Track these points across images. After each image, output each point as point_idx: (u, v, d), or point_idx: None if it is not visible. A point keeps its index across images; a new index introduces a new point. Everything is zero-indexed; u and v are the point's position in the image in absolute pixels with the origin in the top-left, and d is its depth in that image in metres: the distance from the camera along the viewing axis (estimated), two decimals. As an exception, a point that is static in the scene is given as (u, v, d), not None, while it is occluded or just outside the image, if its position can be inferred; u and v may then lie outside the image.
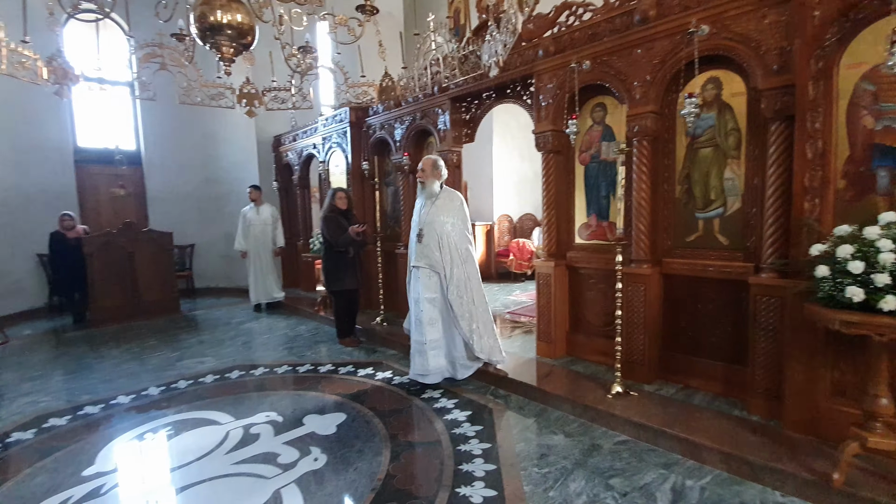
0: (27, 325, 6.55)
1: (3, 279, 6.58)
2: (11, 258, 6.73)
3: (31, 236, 6.87)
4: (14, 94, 6.46)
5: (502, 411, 3.32)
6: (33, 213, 6.96)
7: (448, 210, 3.70)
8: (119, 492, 2.51)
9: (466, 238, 3.75)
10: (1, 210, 6.67)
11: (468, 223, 3.81)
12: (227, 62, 2.92)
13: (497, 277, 8.73)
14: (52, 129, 7.31)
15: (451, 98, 4.79)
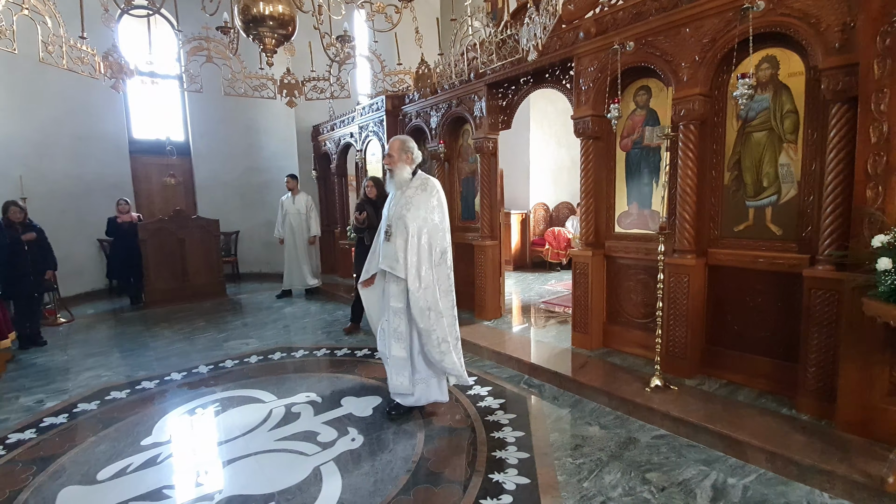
0: (89, 305, 7.05)
1: (67, 262, 7.09)
2: (74, 243, 7.23)
3: (91, 222, 7.34)
4: (74, 88, 6.87)
5: (536, 400, 3.31)
6: (92, 200, 7.43)
7: (419, 203, 2.95)
8: (173, 462, 2.69)
9: (442, 237, 3.03)
10: (63, 197, 7.16)
11: (445, 219, 3.08)
12: (269, 53, 2.99)
13: (531, 266, 8.64)
14: (108, 122, 7.75)
15: (488, 84, 4.72)
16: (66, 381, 3.98)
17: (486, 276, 5.02)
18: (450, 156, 5.52)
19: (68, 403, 3.51)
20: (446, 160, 5.56)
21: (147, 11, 3.41)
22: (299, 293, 7.41)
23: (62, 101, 7.08)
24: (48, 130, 7.02)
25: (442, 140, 5.37)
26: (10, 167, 6.37)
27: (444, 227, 3.07)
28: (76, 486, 2.45)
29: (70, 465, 2.66)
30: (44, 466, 2.64)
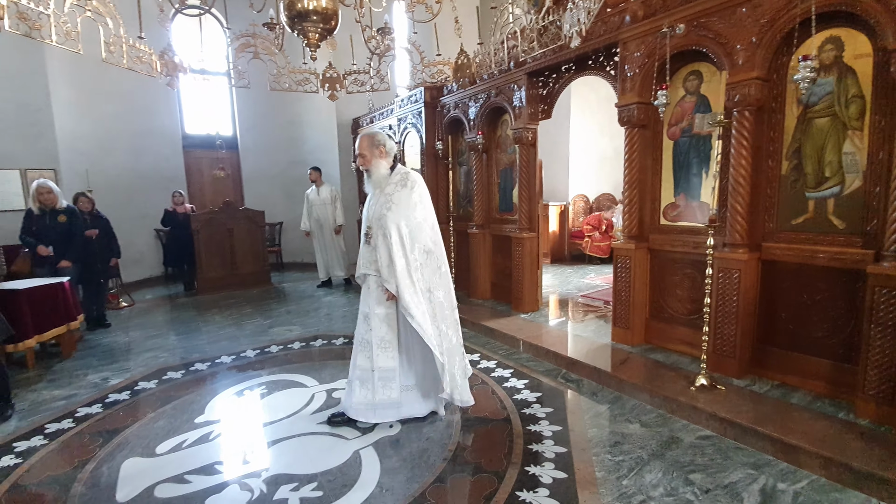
0: (148, 291, 7.53)
1: (127, 250, 7.58)
2: (134, 232, 7.72)
3: (149, 213, 7.81)
4: (132, 86, 7.29)
5: (574, 395, 3.27)
6: (150, 193, 7.90)
7: (400, 200, 2.72)
8: (223, 439, 2.85)
9: (426, 235, 2.78)
10: (124, 190, 7.65)
11: (430, 215, 2.83)
12: (312, 48, 3.06)
13: (570, 259, 8.48)
14: (163, 118, 8.19)
15: (528, 73, 4.64)
16: (128, 361, 4.29)
17: (524, 269, 4.97)
18: (488, 147, 5.48)
19: (130, 381, 3.78)
20: (484, 151, 5.52)
21: (199, 11, 3.58)
22: (339, 282, 7.60)
23: (122, 99, 7.54)
24: (110, 127, 7.50)
25: (480, 131, 5.33)
26: (77, 162, 6.87)
27: (429, 225, 2.81)
28: (138, 457, 2.65)
29: (132, 438, 2.87)
30: (109, 439, 2.87)
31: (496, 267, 5.68)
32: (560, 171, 8.70)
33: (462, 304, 5.45)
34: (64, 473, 2.51)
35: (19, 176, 6.33)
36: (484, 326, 4.70)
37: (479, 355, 4.10)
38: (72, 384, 3.77)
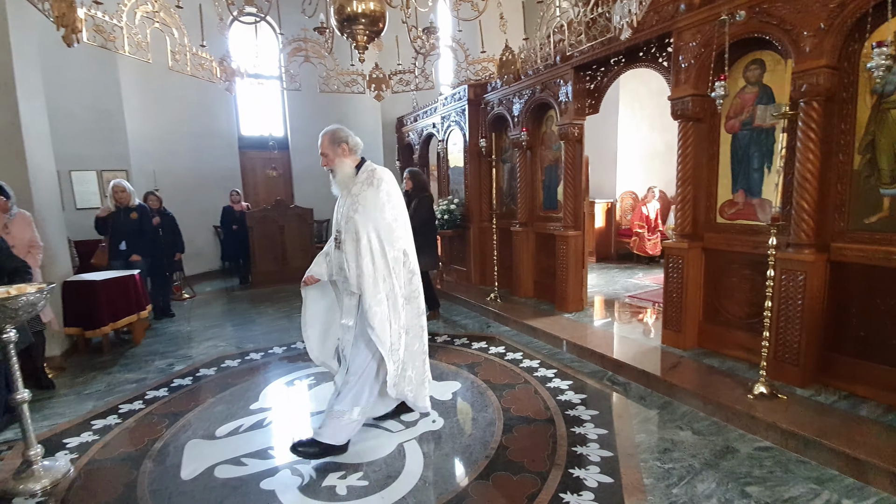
0: (207, 284, 8.02)
1: (189, 246, 8.11)
2: (195, 228, 8.23)
3: (208, 211, 8.30)
4: (193, 91, 7.76)
5: (621, 399, 3.18)
6: (208, 191, 8.39)
7: (368, 201, 2.50)
8: (275, 426, 2.99)
9: (398, 237, 2.56)
10: (186, 189, 8.16)
11: (401, 214, 2.62)
12: (361, 50, 3.14)
13: (617, 258, 8.22)
14: (221, 121, 8.67)
15: (575, 67, 4.53)
16: (190, 349, 4.59)
17: (568, 268, 4.87)
18: (532, 143, 5.41)
19: (192, 368, 4.05)
20: (528, 148, 5.45)
21: (255, 18, 3.75)
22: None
23: (184, 104, 8.05)
24: (174, 130, 8.03)
25: (524, 128, 5.27)
26: (145, 163, 7.41)
27: (400, 225, 2.59)
28: (199, 439, 2.84)
29: (195, 421, 3.08)
30: (174, 420, 3.09)
31: (539, 265, 5.61)
32: (607, 167, 8.45)
33: (504, 301, 5.46)
34: (135, 450, 2.73)
35: (96, 176, 6.91)
36: (526, 325, 4.66)
37: (521, 354, 4.07)
38: (141, 368, 4.09)
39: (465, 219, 6.53)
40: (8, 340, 2.35)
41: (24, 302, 2.29)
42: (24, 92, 3.98)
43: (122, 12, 3.41)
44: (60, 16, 3.19)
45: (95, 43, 3.47)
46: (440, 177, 7.51)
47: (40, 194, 4.14)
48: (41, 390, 3.55)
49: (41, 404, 3.35)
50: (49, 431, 2.98)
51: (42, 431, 2.94)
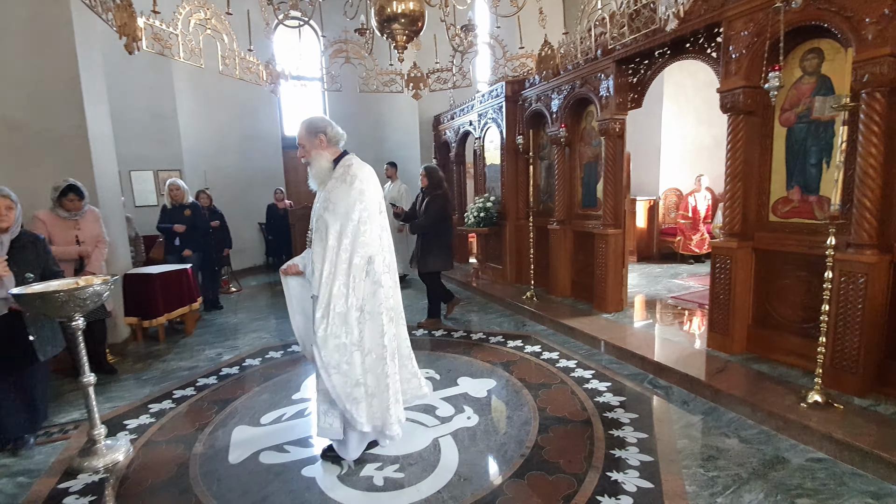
0: (252, 278, 8.37)
1: (236, 241, 8.51)
2: (241, 225, 8.60)
3: (253, 208, 8.66)
4: (241, 94, 8.10)
5: (662, 403, 3.09)
6: (254, 190, 8.74)
7: (339, 198, 2.30)
8: (314, 417, 3.09)
9: (362, 243, 2.31)
10: (234, 188, 8.54)
11: (375, 216, 2.38)
12: (400, 49, 3.19)
13: (659, 258, 7.94)
14: (266, 122, 9.01)
15: (617, 60, 4.41)
16: (237, 340, 4.82)
17: (608, 267, 4.76)
18: (571, 140, 5.31)
19: (239, 358, 4.25)
20: (567, 144, 5.36)
21: (299, 22, 3.89)
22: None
23: (232, 106, 8.42)
24: (223, 132, 8.42)
25: (563, 124, 5.18)
26: (197, 163, 7.82)
27: (370, 229, 2.34)
28: (246, 425, 2.98)
29: (241, 408, 3.24)
30: (223, 407, 3.25)
31: (577, 264, 5.51)
32: (650, 163, 8.17)
33: (540, 300, 5.40)
34: (187, 434, 2.90)
35: (153, 176, 7.35)
36: (563, 325, 4.59)
37: (557, 353, 4.02)
38: (193, 357, 4.33)
39: (501, 216, 6.49)
40: (77, 328, 2.55)
41: (91, 292, 2.48)
42: (90, 98, 4.29)
43: (177, 20, 3.61)
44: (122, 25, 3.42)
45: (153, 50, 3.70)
46: (476, 174, 7.50)
47: (104, 193, 4.46)
48: (104, 375, 3.83)
49: (104, 388, 3.61)
50: (111, 413, 3.21)
51: (105, 413, 3.17)
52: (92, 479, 2.45)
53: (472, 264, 7.79)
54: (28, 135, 4.00)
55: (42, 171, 4.03)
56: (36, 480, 2.46)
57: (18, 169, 3.98)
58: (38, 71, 3.95)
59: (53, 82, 4.02)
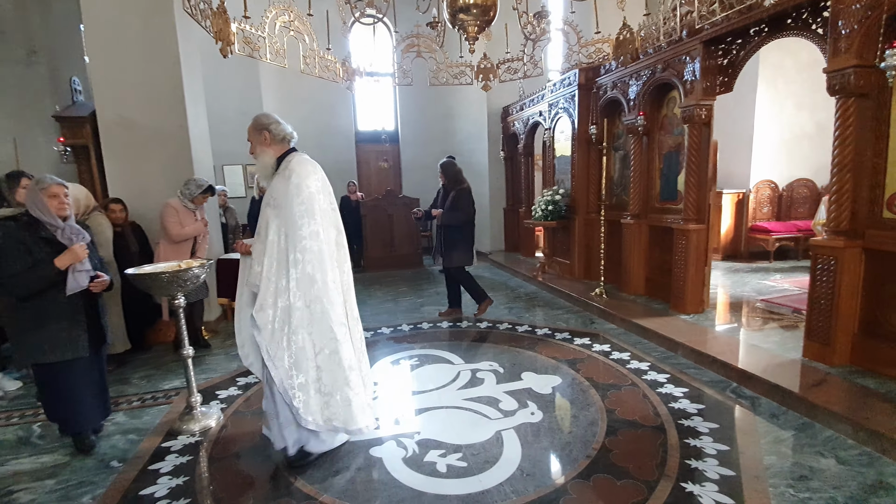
0: (325, 266, 8.84)
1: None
2: (317, 216, 9.12)
3: (328, 200, 9.13)
4: (318, 91, 8.54)
5: (747, 414, 2.84)
6: (329, 181, 9.18)
7: (278, 197, 2.27)
8: (382, 400, 3.23)
9: (300, 237, 2.25)
10: (312, 180, 9.05)
11: (309, 214, 2.28)
12: (471, 40, 3.18)
13: (747, 256, 7.28)
14: (341, 117, 9.43)
15: (705, 41, 4.07)
16: (311, 324, 5.13)
17: (687, 265, 4.45)
18: (650, 128, 5.00)
19: (313, 341, 4.52)
20: (645, 134, 5.05)
21: (373, 19, 4.01)
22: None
23: (311, 103, 8.90)
24: (302, 128, 8.82)
25: (642, 111, 4.88)
26: (279, 157, 8.38)
27: (312, 223, 2.28)
28: (319, 404, 3.17)
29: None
30: (299, 385, 3.48)
31: (653, 261, 5.20)
32: (740, 153, 7.47)
33: (611, 297, 5.19)
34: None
35: (242, 170, 7.99)
36: (635, 324, 4.37)
37: (628, 354, 3.84)
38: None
39: (571, 210, 6.29)
40: (179, 305, 2.86)
41: (191, 274, 2.77)
42: (191, 99, 4.74)
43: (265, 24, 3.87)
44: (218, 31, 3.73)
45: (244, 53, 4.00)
46: (545, 166, 7.32)
47: (201, 185, 4.91)
48: (200, 349, 4.25)
49: (200, 360, 4.01)
50: (205, 383, 3.56)
51: (200, 383, 3.53)
52: (189, 441, 2.74)
53: (538, 258, 7.64)
54: (140, 133, 4.51)
55: (151, 165, 4.54)
56: (144, 438, 2.80)
57: (132, 163, 4.53)
58: (149, 75, 4.44)
59: (161, 85, 4.49)
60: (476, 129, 9.34)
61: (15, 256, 2.33)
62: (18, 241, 2.35)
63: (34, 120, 6.78)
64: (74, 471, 2.49)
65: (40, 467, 2.53)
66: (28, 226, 2.39)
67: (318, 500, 2.17)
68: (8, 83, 6.78)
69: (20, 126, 6.68)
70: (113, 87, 4.41)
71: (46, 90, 6.95)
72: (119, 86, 4.39)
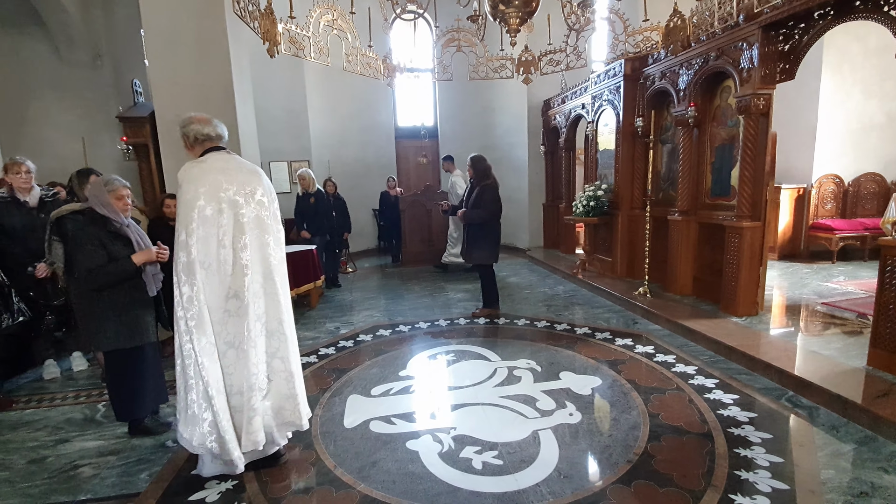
0: (366, 260, 9.03)
1: (353, 226, 9.24)
2: (358, 211, 9.28)
3: (368, 195, 9.28)
4: (360, 88, 8.67)
5: (804, 425, 2.67)
6: (369, 178, 9.35)
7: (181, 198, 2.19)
8: (419, 394, 3.26)
9: (201, 234, 2.13)
10: (353, 176, 9.23)
11: (186, 212, 2.12)
12: (513, 33, 3.12)
13: (808, 257, 6.81)
14: (382, 114, 9.54)
15: (764, 26, 3.81)
16: (352, 316, 5.26)
17: (740, 264, 4.21)
18: (701, 120, 4.75)
19: (354, 333, 4.63)
20: (695, 126, 4.81)
21: (414, 15, 4.02)
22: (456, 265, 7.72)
23: (353, 100, 9.06)
24: (345, 125, 9.12)
25: (692, 102, 4.65)
26: (322, 154, 8.60)
27: (208, 227, 2.13)
28: (358, 395, 3.25)
29: (355, 378, 3.53)
30: (339, 376, 3.59)
31: (702, 259, 4.96)
32: (801, 145, 6.98)
33: (655, 297, 5.00)
34: (311, 396, 3.22)
35: (287, 166, 8.26)
36: (681, 326, 4.19)
37: (673, 357, 3.69)
38: (316, 329, 4.83)
39: (613, 205, 6.09)
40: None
41: (238, 267, 2.88)
42: (240, 98, 4.93)
43: (309, 24, 3.97)
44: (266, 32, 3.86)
45: (290, 52, 4.12)
46: (587, 161, 7.12)
47: (249, 181, 5.12)
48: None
49: (247, 349, 4.19)
50: (252, 371, 3.72)
51: (247, 371, 3.69)
52: (237, 426, 2.87)
53: (578, 255, 7.46)
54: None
55: (204, 162, 4.75)
56: (197, 421, 2.96)
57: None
58: (202, 76, 4.65)
59: (212, 85, 4.70)
60: (516, 123, 9.21)
61: (91, 250, 2.47)
62: (92, 236, 2.51)
63: (100, 120, 7.29)
64: (134, 449, 2.67)
65: (104, 444, 2.73)
66: (95, 220, 2.56)
67: (357, 490, 2.22)
68: (77, 86, 7.32)
69: (88, 126, 7.20)
70: (170, 89, 4.65)
71: (111, 92, 7.45)
72: (175, 87, 4.63)
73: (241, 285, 2.17)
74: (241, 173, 2.26)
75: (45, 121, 7.21)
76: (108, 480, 2.39)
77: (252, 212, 2.24)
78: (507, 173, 9.46)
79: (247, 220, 2.20)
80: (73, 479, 2.41)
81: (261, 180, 2.33)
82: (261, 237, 2.26)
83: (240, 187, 2.22)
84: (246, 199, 2.22)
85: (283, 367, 2.35)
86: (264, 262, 2.27)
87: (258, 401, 2.24)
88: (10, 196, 3.46)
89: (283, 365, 2.35)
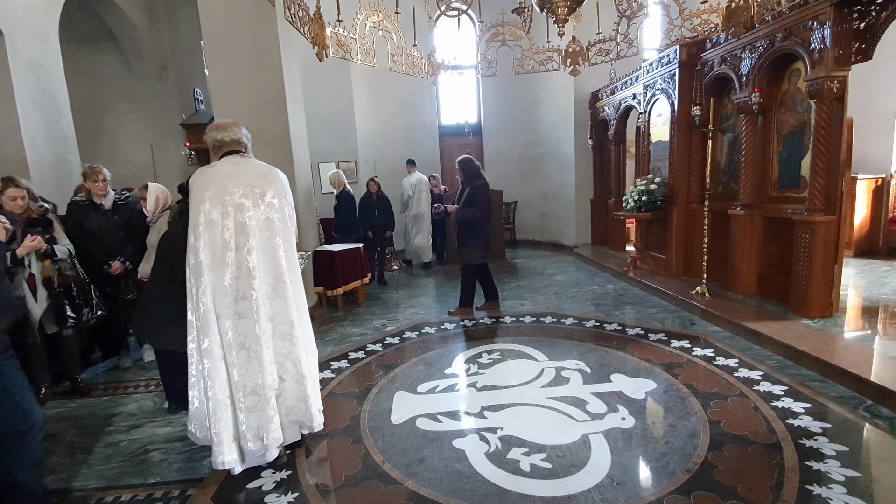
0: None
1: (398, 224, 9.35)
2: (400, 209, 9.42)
3: (413, 193, 9.37)
4: (405, 87, 8.75)
5: (885, 438, 2.43)
6: (414, 176, 9.42)
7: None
8: (465, 392, 3.25)
9: (203, 241, 2.23)
10: (396, 175, 9.26)
11: (194, 216, 2.21)
12: (560, 23, 3.03)
13: (887, 253, 6.20)
14: (426, 112, 9.59)
15: (836, 3, 3.49)
16: (398, 313, 5.33)
17: (812, 262, 3.88)
18: (766, 106, 4.42)
19: (400, 330, 4.69)
20: (760, 113, 4.48)
21: (458, 11, 4.00)
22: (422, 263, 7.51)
23: (398, 100, 9.16)
24: (390, 124, 9.25)
25: (757, 87, 4.33)
26: (368, 153, 8.78)
27: (212, 231, 2.19)
28: (405, 392, 3.29)
29: (401, 375, 3.58)
30: (386, 372, 3.64)
31: (768, 256, 4.63)
32: (879, 131, 6.35)
33: (715, 297, 4.73)
34: (360, 391, 3.33)
35: (335, 167, 8.49)
36: (745, 328, 3.93)
37: (736, 361, 3.47)
38: (363, 325, 4.94)
39: (668, 200, 5.80)
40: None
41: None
42: (291, 102, 5.11)
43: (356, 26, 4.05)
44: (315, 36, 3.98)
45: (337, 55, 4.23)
46: (639, 154, 6.82)
47: (301, 183, 5.31)
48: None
49: (299, 344, 4.35)
50: (303, 366, 3.86)
51: (299, 365, 3.83)
52: (290, 418, 2.98)
53: (629, 253, 7.17)
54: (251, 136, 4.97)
55: (258, 165, 4.97)
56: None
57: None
58: (257, 82, 4.85)
59: (266, 91, 4.90)
60: (562, 116, 8.97)
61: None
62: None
63: (166, 128, 7.80)
64: (198, 436, 2.84)
65: (171, 431, 2.92)
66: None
67: (404, 486, 2.24)
68: (145, 97, 7.87)
69: (156, 134, 7.74)
70: (227, 96, 4.89)
71: (175, 101, 7.95)
72: (232, 94, 4.86)
73: (249, 287, 2.20)
74: (250, 176, 2.31)
75: (119, 131, 7.81)
76: (174, 465, 2.55)
77: (261, 214, 2.27)
78: (552, 169, 9.28)
79: (253, 223, 2.23)
80: (143, 463, 2.59)
81: (272, 183, 2.37)
82: (271, 239, 2.29)
83: (247, 190, 2.26)
84: (254, 202, 2.26)
85: (294, 370, 2.38)
86: (274, 264, 2.30)
87: (274, 399, 2.30)
88: (88, 200, 3.78)
89: (295, 367, 2.38)
